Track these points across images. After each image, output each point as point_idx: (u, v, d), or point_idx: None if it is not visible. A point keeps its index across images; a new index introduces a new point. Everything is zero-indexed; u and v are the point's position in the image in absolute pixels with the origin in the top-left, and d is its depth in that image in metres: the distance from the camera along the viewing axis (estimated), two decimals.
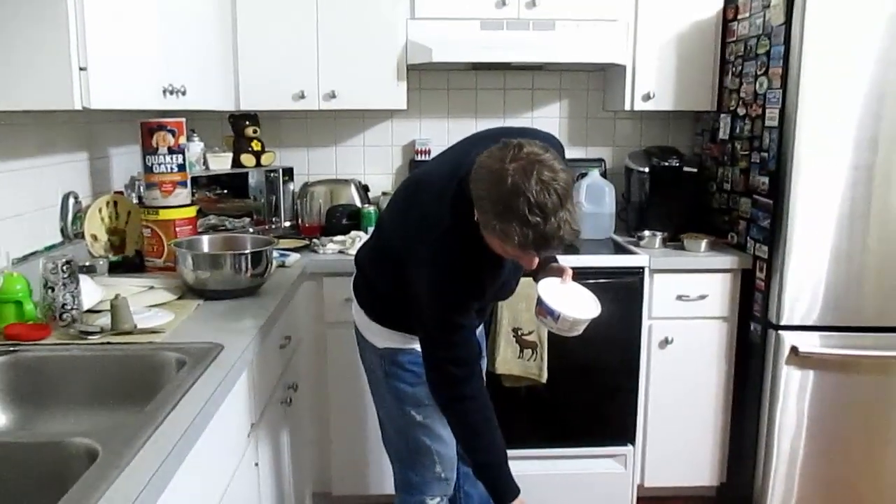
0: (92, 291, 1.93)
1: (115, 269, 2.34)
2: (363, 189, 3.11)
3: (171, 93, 2.16)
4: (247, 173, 3.04)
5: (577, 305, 1.82)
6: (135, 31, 1.93)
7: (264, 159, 3.02)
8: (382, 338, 1.94)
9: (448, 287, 1.66)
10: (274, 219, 3.08)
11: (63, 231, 2.24)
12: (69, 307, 1.80)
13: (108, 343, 1.69)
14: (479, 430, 1.75)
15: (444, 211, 1.67)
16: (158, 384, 1.56)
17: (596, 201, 3.03)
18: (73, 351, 1.67)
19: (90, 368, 1.65)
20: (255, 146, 3.00)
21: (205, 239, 2.30)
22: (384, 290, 1.90)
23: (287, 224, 3.10)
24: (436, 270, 1.66)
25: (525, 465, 2.56)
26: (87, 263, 2.25)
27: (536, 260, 1.60)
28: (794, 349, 2.56)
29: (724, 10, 2.91)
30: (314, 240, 2.83)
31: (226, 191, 3.08)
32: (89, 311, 1.89)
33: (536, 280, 1.89)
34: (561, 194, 1.45)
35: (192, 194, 2.72)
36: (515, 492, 1.77)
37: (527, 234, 1.45)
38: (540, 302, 1.80)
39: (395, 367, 1.93)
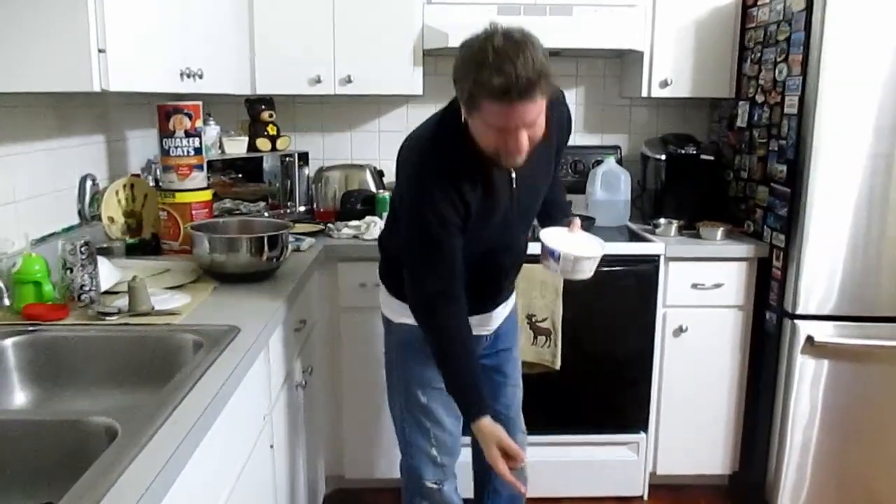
0: (109, 273, 1.94)
1: (132, 251, 2.36)
2: (378, 174, 3.11)
3: (189, 76, 2.16)
4: (262, 158, 3.05)
5: (580, 247, 1.82)
6: (152, 15, 1.93)
7: (280, 144, 3.02)
8: (398, 313, 1.96)
9: (429, 185, 1.66)
10: (289, 203, 3.09)
11: (80, 213, 2.27)
12: (87, 288, 1.82)
13: (126, 324, 1.70)
14: (450, 354, 1.76)
15: (431, 126, 1.76)
16: (176, 366, 1.57)
17: (611, 189, 3.01)
18: (91, 332, 1.69)
19: (108, 349, 1.67)
20: (271, 130, 3.00)
21: (221, 223, 2.31)
22: (396, 256, 1.92)
23: (302, 209, 3.10)
24: (416, 172, 1.70)
25: (538, 452, 2.56)
26: (105, 245, 2.27)
27: (525, 140, 1.56)
28: (809, 339, 2.55)
29: None
30: (329, 224, 2.84)
31: (241, 175, 3.08)
32: (107, 292, 1.91)
33: None
34: (524, 41, 1.49)
35: (208, 178, 2.73)
36: (482, 411, 1.74)
37: (493, 80, 1.46)
38: (543, 247, 1.82)
39: (406, 345, 1.94)
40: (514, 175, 1.77)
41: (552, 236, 1.83)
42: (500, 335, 2.09)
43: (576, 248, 1.81)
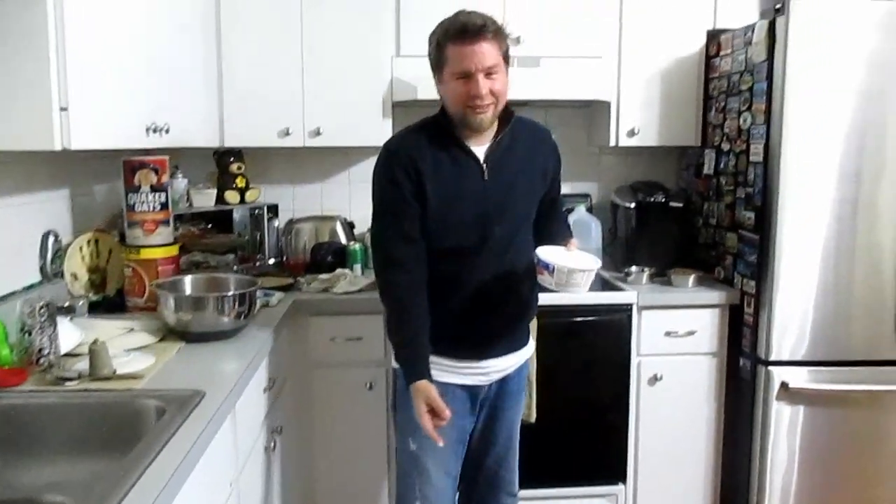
0: (70, 334, 1.88)
1: (96, 308, 2.30)
2: (349, 226, 3.09)
3: (155, 131, 2.14)
4: (232, 208, 3.01)
5: (575, 262, 1.84)
6: (118, 70, 1.91)
7: (249, 196, 2.99)
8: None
9: (385, 153, 1.90)
10: (259, 256, 3.05)
11: (42, 270, 2.21)
12: (46, 351, 1.76)
13: (86, 390, 1.64)
14: (395, 312, 1.88)
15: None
16: (138, 433, 1.51)
17: (583, 237, 2.99)
18: (49, 398, 1.62)
19: (67, 416, 1.60)
20: (240, 183, 2.97)
21: (187, 279, 2.26)
22: None
23: (272, 261, 3.06)
24: (383, 146, 1.93)
25: None
26: (67, 304, 2.19)
27: (484, 85, 1.76)
28: (784, 385, 2.55)
29: (707, 46, 2.94)
30: (299, 278, 2.80)
31: (210, 225, 3.04)
32: (67, 354, 1.85)
33: None
34: (482, 12, 1.80)
35: (176, 228, 2.69)
36: (419, 375, 1.82)
37: (453, 24, 1.78)
38: (538, 261, 1.84)
39: (402, 390, 1.92)
40: (484, 166, 1.87)
41: (547, 251, 1.86)
42: (507, 392, 2.04)
43: (570, 262, 1.83)
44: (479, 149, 1.89)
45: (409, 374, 1.84)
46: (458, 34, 1.77)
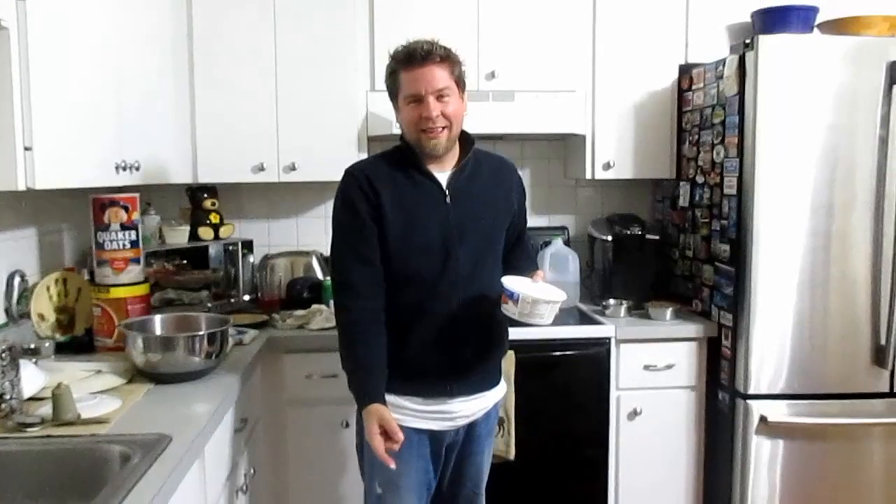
0: (34, 377, 1.83)
1: (64, 349, 2.24)
2: (325, 261, 3.05)
3: (125, 168, 2.11)
4: (207, 244, 2.97)
5: (540, 292, 1.82)
6: (85, 108, 1.89)
7: (223, 232, 2.96)
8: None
9: (346, 176, 1.90)
10: (233, 292, 3.00)
11: (8, 312, 2.16)
12: (8, 397, 1.70)
13: (49, 436, 1.59)
14: (348, 337, 1.86)
15: None
16: (101, 481, 1.46)
17: (560, 270, 3.00)
18: (10, 446, 1.57)
19: (29, 464, 1.55)
20: (214, 219, 2.94)
21: (157, 319, 2.21)
22: None
23: (247, 297, 3.02)
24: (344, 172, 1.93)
25: None
26: (32, 346, 2.13)
27: (435, 106, 1.79)
28: (762, 418, 2.53)
29: (679, 80, 2.97)
30: (274, 314, 2.76)
31: (185, 261, 3.00)
32: (31, 398, 1.79)
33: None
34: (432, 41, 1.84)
35: (150, 264, 2.65)
36: (371, 399, 1.79)
37: (403, 51, 1.83)
38: (503, 289, 1.82)
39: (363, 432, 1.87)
40: (447, 191, 1.87)
41: (513, 280, 1.84)
42: (475, 437, 2.00)
43: (535, 292, 1.81)
44: (442, 175, 1.89)
45: (362, 397, 1.80)
46: (407, 59, 1.81)
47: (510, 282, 1.82)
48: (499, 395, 2.04)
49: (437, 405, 1.89)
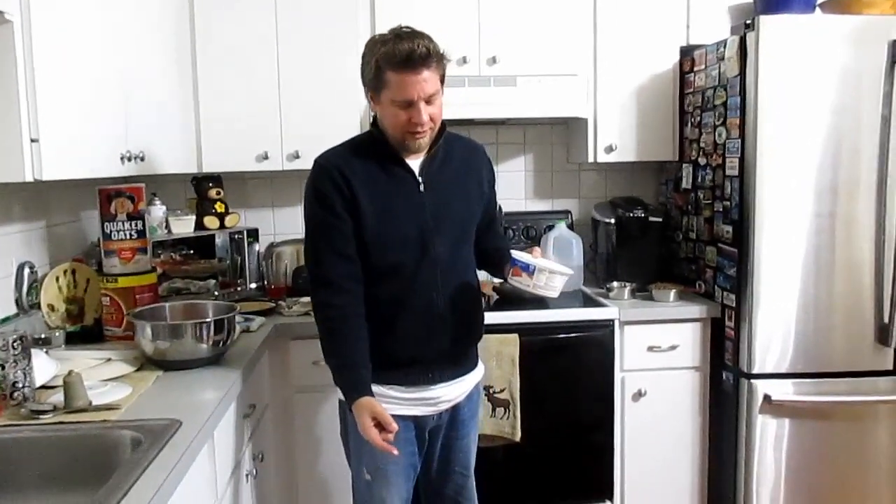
0: (45, 367, 1.85)
1: (73, 339, 2.27)
2: None
3: (130, 159, 2.13)
4: (212, 234, 3.00)
5: (551, 265, 1.87)
6: (89, 100, 1.91)
7: (228, 221, 2.98)
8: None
9: (316, 168, 1.85)
10: (240, 281, 3.03)
11: (18, 302, 2.18)
12: (20, 385, 1.73)
13: (61, 423, 1.62)
14: (330, 334, 1.84)
15: None
16: (113, 466, 1.49)
17: (564, 254, 3.01)
18: (23, 433, 1.59)
19: (42, 451, 1.58)
20: (219, 208, 2.96)
21: (165, 307, 2.24)
22: None
23: (253, 286, 3.05)
24: (314, 161, 1.88)
25: None
26: (43, 335, 2.17)
27: (425, 113, 1.74)
28: (766, 398, 2.55)
29: (681, 62, 2.96)
30: (280, 302, 2.79)
31: (192, 251, 3.02)
32: (43, 387, 1.82)
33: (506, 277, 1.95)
34: (419, 31, 1.75)
35: (157, 255, 2.67)
36: (360, 393, 1.77)
37: (397, 49, 1.70)
38: (513, 262, 1.85)
39: (348, 419, 1.89)
40: (420, 179, 1.85)
41: (521, 255, 1.87)
42: (459, 420, 2.01)
43: (549, 265, 1.85)
44: (414, 162, 1.86)
45: (350, 393, 1.79)
46: (401, 63, 1.71)
47: (521, 255, 1.85)
48: (478, 376, 2.05)
49: (420, 392, 1.90)
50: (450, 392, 1.94)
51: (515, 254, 1.86)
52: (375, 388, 1.83)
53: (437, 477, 2.05)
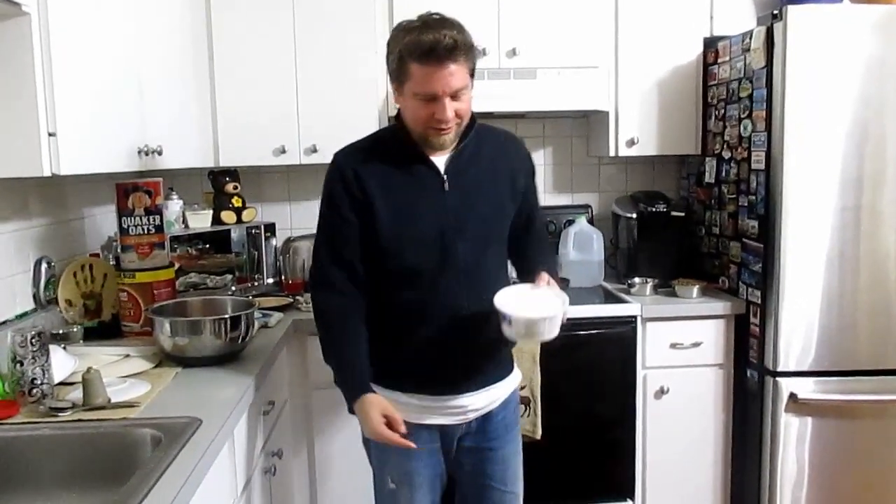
0: (64, 363, 1.84)
1: (91, 334, 2.26)
2: None
3: (147, 153, 2.11)
4: (229, 228, 2.98)
5: (537, 306, 1.64)
6: (106, 94, 1.89)
7: (245, 215, 2.96)
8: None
9: (331, 167, 1.79)
10: (257, 275, 3.01)
11: (35, 298, 2.17)
12: (39, 382, 1.71)
13: (80, 420, 1.60)
14: (328, 335, 1.80)
15: None
16: (133, 464, 1.48)
17: (584, 249, 2.98)
18: (42, 430, 1.58)
19: (61, 449, 1.56)
20: (236, 202, 2.94)
21: (183, 303, 2.22)
22: None
23: (270, 280, 3.03)
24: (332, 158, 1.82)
25: None
26: (61, 331, 2.16)
27: (450, 109, 1.64)
28: (792, 396, 2.50)
29: (704, 53, 2.91)
30: (298, 297, 2.77)
31: (208, 245, 3.01)
32: (62, 383, 1.81)
33: None
34: (449, 18, 1.65)
35: (174, 250, 2.65)
36: (362, 390, 1.72)
37: (421, 39, 1.60)
38: (497, 310, 1.64)
39: None
40: (445, 177, 1.74)
41: (507, 296, 1.66)
42: (491, 430, 1.86)
43: (531, 307, 1.62)
44: (440, 159, 1.74)
45: (351, 392, 1.73)
46: (425, 54, 1.60)
47: (503, 300, 1.64)
48: (512, 384, 1.91)
49: (446, 401, 1.79)
50: (478, 401, 1.82)
51: (498, 298, 1.64)
52: (398, 396, 1.77)
53: (473, 492, 1.92)
